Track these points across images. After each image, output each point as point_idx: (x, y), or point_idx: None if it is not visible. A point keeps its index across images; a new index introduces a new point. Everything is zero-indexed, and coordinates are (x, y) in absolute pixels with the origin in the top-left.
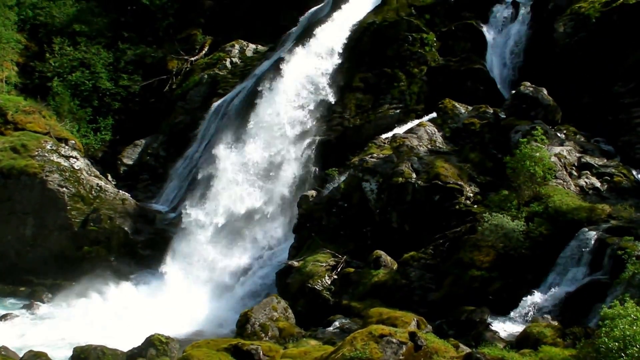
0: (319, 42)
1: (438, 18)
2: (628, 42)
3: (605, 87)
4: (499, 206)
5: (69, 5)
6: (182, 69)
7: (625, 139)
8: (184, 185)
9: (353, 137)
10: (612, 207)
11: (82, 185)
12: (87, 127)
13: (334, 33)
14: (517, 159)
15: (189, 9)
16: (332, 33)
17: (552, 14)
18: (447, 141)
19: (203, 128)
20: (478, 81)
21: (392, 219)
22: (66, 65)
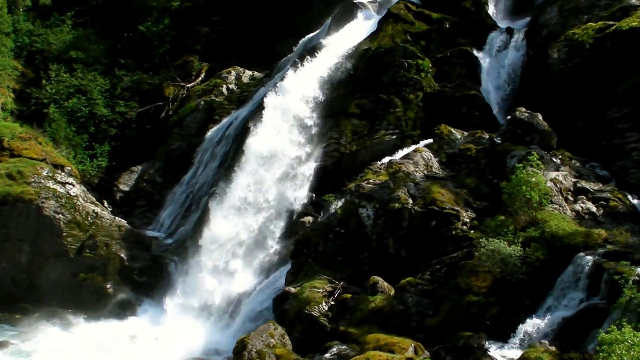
0: (313, 67)
1: (433, 44)
2: (622, 67)
3: (599, 112)
4: (496, 231)
5: (66, 32)
6: (178, 96)
7: (620, 163)
8: (180, 212)
9: (349, 163)
10: (608, 232)
11: (78, 211)
12: (83, 154)
13: (329, 59)
14: (513, 184)
15: (186, 36)
16: (327, 59)
17: (546, 40)
18: (443, 167)
19: (199, 154)
20: (473, 107)
21: (388, 244)
22: (62, 92)
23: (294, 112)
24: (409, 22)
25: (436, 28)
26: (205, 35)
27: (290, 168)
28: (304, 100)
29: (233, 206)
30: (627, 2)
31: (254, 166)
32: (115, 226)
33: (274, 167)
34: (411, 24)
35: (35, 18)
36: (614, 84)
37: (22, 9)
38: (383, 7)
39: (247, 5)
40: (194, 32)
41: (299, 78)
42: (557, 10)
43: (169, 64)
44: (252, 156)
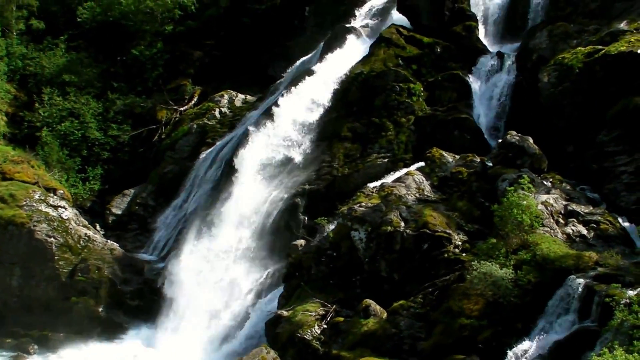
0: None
1: (425, 69)
2: (611, 91)
3: (589, 136)
4: (487, 254)
5: (59, 56)
6: (171, 119)
7: (611, 186)
8: (173, 235)
9: (342, 186)
10: (599, 255)
11: (70, 235)
12: (75, 177)
13: (321, 83)
14: (505, 207)
15: (179, 60)
16: (319, 83)
17: (536, 64)
18: (435, 190)
19: (192, 177)
20: (465, 130)
21: (381, 267)
22: (55, 115)
23: (286, 136)
24: (400, 47)
25: (427, 52)
26: (198, 59)
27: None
28: (295, 123)
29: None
30: (615, 27)
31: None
32: (107, 249)
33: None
34: (403, 48)
35: (29, 42)
36: (603, 108)
37: (15, 32)
38: (375, 31)
39: (240, 30)
40: (187, 56)
41: (291, 102)
42: (547, 35)
43: (162, 87)
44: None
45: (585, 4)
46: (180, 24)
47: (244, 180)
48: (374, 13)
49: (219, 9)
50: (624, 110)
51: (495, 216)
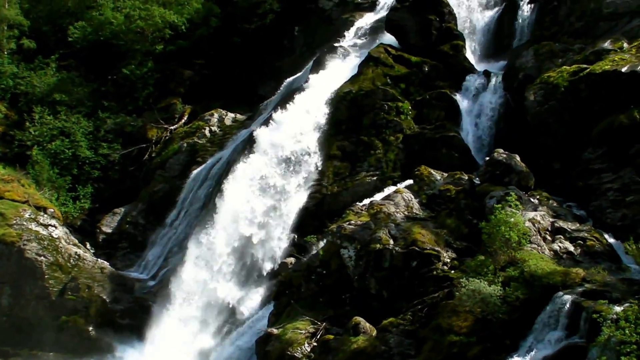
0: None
1: (413, 87)
2: (596, 109)
3: (575, 153)
4: (476, 271)
5: (50, 75)
6: (161, 138)
7: (597, 203)
8: (163, 253)
9: (331, 204)
10: (586, 271)
11: (60, 253)
12: (66, 196)
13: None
14: (492, 224)
15: (169, 79)
16: (308, 102)
17: (523, 83)
18: (424, 207)
19: (182, 196)
20: (453, 148)
21: (370, 285)
22: (46, 134)
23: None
24: (388, 66)
25: (415, 71)
26: (189, 78)
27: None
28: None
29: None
30: (599, 46)
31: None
32: (97, 268)
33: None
34: (391, 67)
35: (20, 61)
36: (588, 126)
37: (6, 52)
38: (363, 50)
39: (230, 49)
40: (178, 75)
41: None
42: (533, 54)
43: (152, 106)
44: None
45: (570, 23)
46: (171, 44)
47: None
48: (362, 33)
49: (209, 28)
50: (609, 128)
51: (484, 233)
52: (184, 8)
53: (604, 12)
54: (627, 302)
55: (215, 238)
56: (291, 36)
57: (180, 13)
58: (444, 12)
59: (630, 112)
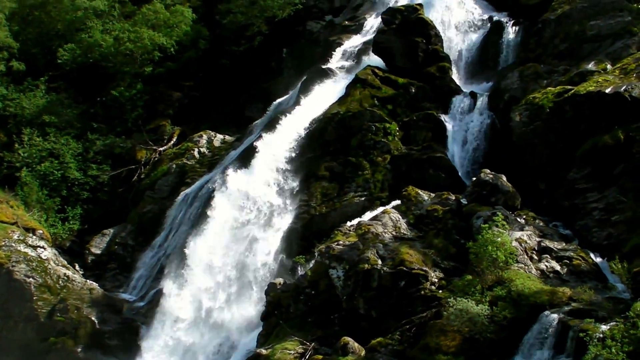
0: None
1: (400, 108)
2: (580, 130)
3: (560, 173)
4: (464, 291)
5: (39, 97)
6: (150, 159)
7: (582, 223)
8: (152, 274)
9: (319, 225)
10: (573, 290)
11: (49, 275)
12: (55, 217)
13: (299, 123)
14: (480, 244)
15: (158, 101)
16: (296, 123)
17: (508, 104)
18: (412, 227)
19: (171, 217)
20: (440, 169)
21: (359, 305)
22: (35, 156)
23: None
24: (376, 87)
25: (402, 93)
26: (178, 100)
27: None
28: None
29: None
30: (583, 68)
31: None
32: (86, 289)
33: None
34: (378, 88)
35: (9, 83)
36: (573, 146)
37: None
38: (351, 72)
39: (219, 71)
40: (167, 96)
41: (269, 142)
42: (518, 76)
43: (141, 128)
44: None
45: (555, 45)
46: (160, 66)
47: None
48: (349, 55)
49: (198, 50)
50: (593, 149)
51: (471, 253)
52: (172, 30)
53: (587, 34)
54: (614, 321)
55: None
56: (279, 58)
57: (169, 35)
58: (430, 34)
59: (615, 132)
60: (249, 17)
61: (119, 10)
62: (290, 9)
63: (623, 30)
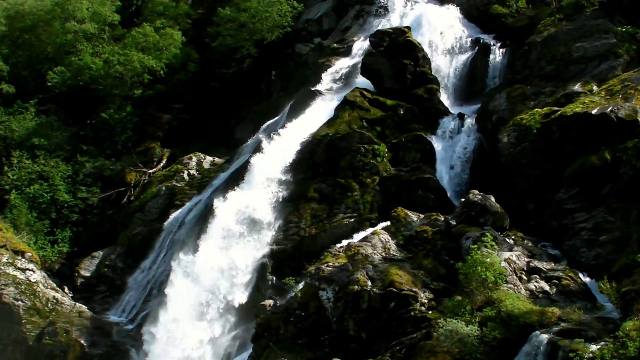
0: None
1: (389, 130)
2: (568, 150)
3: (548, 194)
4: (453, 312)
5: (29, 120)
6: (140, 181)
7: (571, 243)
8: (142, 297)
9: (309, 246)
10: (562, 310)
11: (38, 298)
12: (44, 239)
13: (288, 145)
14: (469, 264)
15: (148, 123)
16: (286, 145)
17: (496, 125)
18: (401, 249)
19: (161, 239)
20: (428, 190)
21: (349, 326)
22: (24, 178)
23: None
24: (364, 109)
25: (391, 114)
26: (167, 122)
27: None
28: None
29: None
30: (570, 89)
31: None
32: (75, 312)
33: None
34: (367, 110)
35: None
36: (561, 167)
37: None
38: (339, 94)
39: (208, 94)
40: (156, 119)
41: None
42: (505, 97)
43: (131, 150)
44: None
45: (541, 67)
46: (150, 88)
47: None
48: (338, 77)
49: (187, 73)
50: (581, 169)
51: (460, 274)
52: (162, 53)
53: (573, 55)
54: (603, 341)
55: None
56: (268, 80)
57: (158, 58)
58: (418, 56)
59: (601, 153)
60: (238, 40)
61: (109, 33)
62: (279, 31)
63: (608, 52)
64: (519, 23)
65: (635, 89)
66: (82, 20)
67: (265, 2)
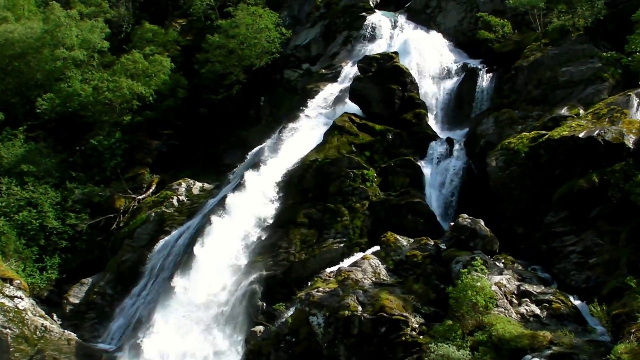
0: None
1: (377, 155)
2: (556, 174)
3: (537, 217)
4: (444, 336)
5: (18, 146)
6: (129, 207)
7: (560, 266)
8: (131, 323)
9: (299, 272)
10: (553, 334)
11: (26, 326)
12: (33, 266)
13: (277, 171)
14: (459, 289)
15: (137, 149)
16: (275, 171)
17: (484, 149)
18: (391, 273)
19: (150, 265)
20: (418, 214)
21: (340, 352)
22: (13, 205)
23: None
24: (353, 134)
25: (380, 139)
26: (156, 148)
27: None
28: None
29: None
30: (557, 113)
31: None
32: (64, 340)
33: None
34: (356, 135)
35: None
36: (549, 190)
37: None
38: (328, 119)
39: (197, 120)
40: (145, 145)
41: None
42: (493, 121)
43: (120, 176)
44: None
45: (528, 91)
46: (139, 114)
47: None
48: (327, 102)
49: (176, 99)
50: (569, 192)
51: (451, 298)
52: (151, 80)
53: (559, 80)
54: None
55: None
56: (257, 106)
57: (148, 85)
58: (406, 81)
59: (589, 176)
60: (227, 66)
61: (98, 60)
62: (267, 58)
63: (594, 76)
64: (505, 48)
65: (621, 112)
66: (72, 47)
67: (253, 29)
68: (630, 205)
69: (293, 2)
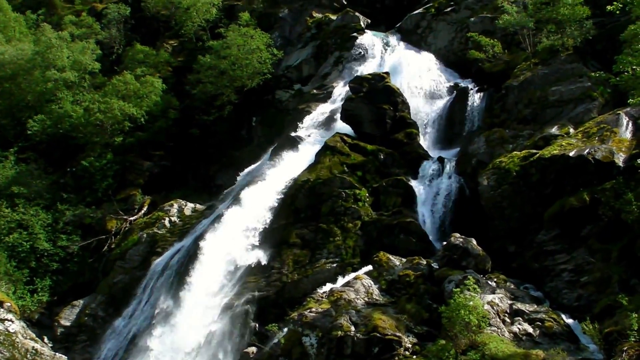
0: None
1: (369, 175)
2: (547, 192)
3: (529, 236)
4: (438, 356)
5: (8, 168)
6: (121, 229)
7: (552, 284)
8: (123, 346)
9: (292, 292)
10: (546, 352)
11: (16, 349)
12: (23, 289)
13: (269, 191)
14: (452, 308)
15: (128, 170)
16: (267, 191)
17: (476, 168)
18: (384, 293)
19: (142, 287)
20: (410, 234)
21: None
22: (3, 227)
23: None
24: (345, 154)
25: (371, 159)
26: (148, 169)
27: None
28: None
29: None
30: (547, 132)
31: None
32: None
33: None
34: (347, 155)
35: None
36: (541, 208)
37: None
38: (320, 139)
39: (189, 141)
40: (137, 166)
41: (240, 211)
42: (484, 140)
43: (111, 197)
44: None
45: (519, 110)
46: (130, 136)
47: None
48: (318, 122)
49: (168, 120)
50: (560, 211)
51: (444, 317)
52: (143, 101)
53: (549, 99)
54: None
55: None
56: (249, 127)
57: (139, 106)
58: (397, 101)
59: (580, 194)
60: (218, 87)
61: (90, 81)
62: (259, 78)
63: (584, 95)
64: (495, 68)
65: (611, 131)
66: (63, 68)
67: (245, 50)
68: (621, 223)
69: (284, 23)
